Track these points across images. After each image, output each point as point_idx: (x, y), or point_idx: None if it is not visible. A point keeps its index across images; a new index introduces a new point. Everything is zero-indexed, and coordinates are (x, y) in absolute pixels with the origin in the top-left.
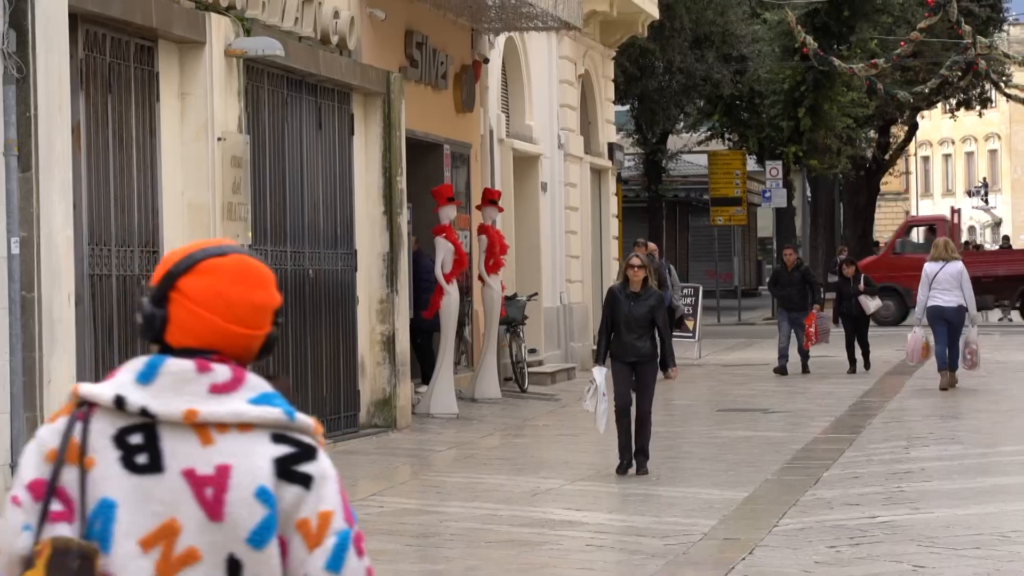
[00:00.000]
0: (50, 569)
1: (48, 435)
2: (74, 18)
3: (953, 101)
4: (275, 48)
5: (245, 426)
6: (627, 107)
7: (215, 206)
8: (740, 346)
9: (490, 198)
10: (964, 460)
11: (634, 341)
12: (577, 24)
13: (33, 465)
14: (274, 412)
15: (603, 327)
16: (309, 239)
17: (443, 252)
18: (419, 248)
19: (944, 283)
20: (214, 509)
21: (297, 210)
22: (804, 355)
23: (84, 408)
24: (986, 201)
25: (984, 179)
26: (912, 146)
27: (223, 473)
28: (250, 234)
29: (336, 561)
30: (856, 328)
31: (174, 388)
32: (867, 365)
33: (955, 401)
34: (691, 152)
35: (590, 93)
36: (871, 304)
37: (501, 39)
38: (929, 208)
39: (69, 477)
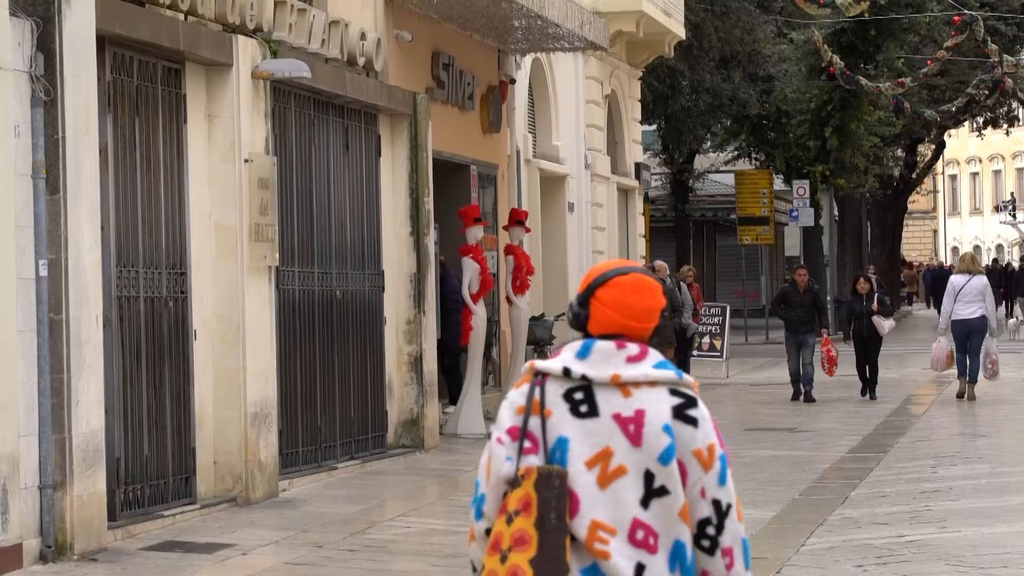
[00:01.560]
0: (538, 486)
1: (516, 396)
2: (101, 41)
3: (980, 119)
4: (302, 70)
5: (652, 383)
6: (654, 127)
7: (242, 228)
8: (767, 365)
9: (517, 218)
10: (991, 479)
11: None
12: (603, 44)
13: (508, 417)
14: (670, 373)
15: None
16: (336, 260)
17: (470, 273)
18: (446, 269)
19: (969, 295)
20: (635, 438)
21: (324, 231)
22: (808, 381)
23: (539, 377)
24: (1014, 216)
25: (1012, 195)
26: (939, 165)
27: (640, 415)
28: (277, 255)
29: (723, 478)
30: (867, 350)
31: (602, 360)
32: (872, 394)
33: (982, 420)
34: (718, 171)
35: (617, 113)
36: (885, 325)
37: (527, 60)
38: (957, 227)
39: (534, 424)
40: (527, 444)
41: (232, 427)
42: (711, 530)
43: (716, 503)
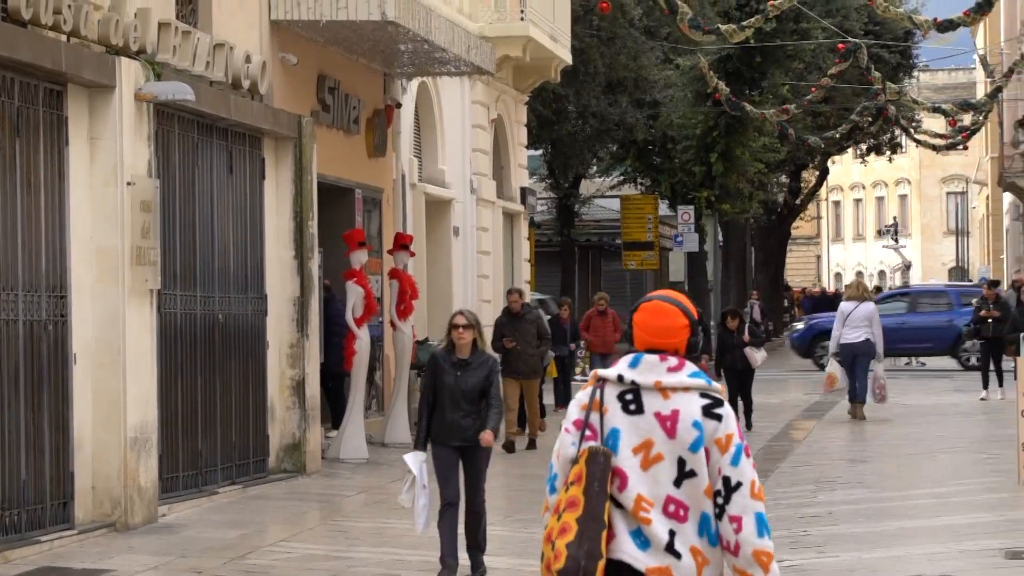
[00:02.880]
0: (588, 462)
1: (582, 396)
2: None
3: (863, 146)
4: (186, 92)
5: (687, 388)
6: (540, 151)
7: (124, 251)
8: None
9: (401, 242)
10: (871, 504)
11: (461, 420)
12: (490, 69)
13: (575, 412)
14: (701, 381)
15: (423, 403)
16: (219, 283)
17: (354, 297)
18: (330, 293)
19: (856, 321)
20: (671, 432)
21: (207, 254)
22: None
23: (600, 382)
24: (896, 241)
25: (895, 219)
26: (823, 191)
27: (675, 414)
28: (159, 278)
29: (736, 460)
30: (741, 383)
31: (648, 370)
32: (748, 424)
33: (863, 445)
34: (604, 196)
35: (503, 138)
36: (758, 357)
37: (414, 84)
38: (840, 253)
39: (594, 418)
40: (588, 433)
41: (111, 451)
42: (720, 500)
43: (726, 479)
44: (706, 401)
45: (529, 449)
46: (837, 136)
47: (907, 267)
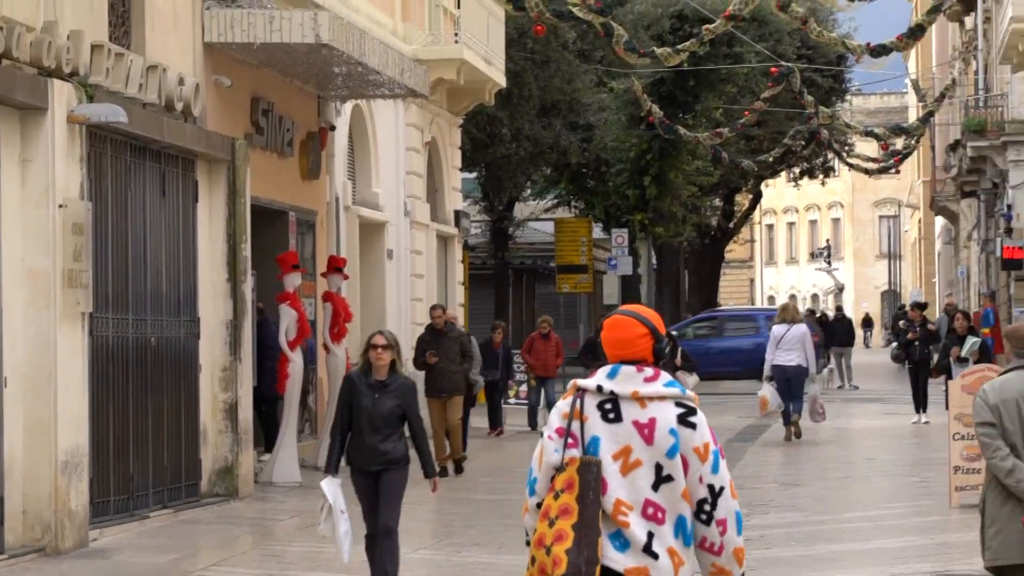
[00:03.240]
0: (581, 471)
1: (563, 405)
2: None
3: (796, 170)
4: (118, 115)
5: (662, 398)
6: (474, 174)
7: (56, 273)
8: None
9: (335, 265)
10: (804, 527)
11: (378, 444)
12: (424, 92)
13: (557, 420)
14: (676, 391)
15: (336, 425)
16: (152, 306)
17: (287, 320)
18: (264, 315)
19: (789, 343)
20: (649, 439)
21: (140, 277)
22: None
23: (580, 392)
24: (829, 263)
25: (827, 241)
26: (756, 214)
27: (652, 422)
28: (91, 301)
29: (715, 467)
30: None
31: (626, 380)
32: None
33: (796, 468)
34: (538, 219)
35: (437, 160)
36: (689, 381)
37: (348, 106)
38: (773, 276)
39: (575, 426)
40: (570, 440)
41: (42, 475)
42: (707, 507)
43: (711, 487)
44: (681, 410)
45: (457, 473)
46: (770, 159)
47: (840, 289)
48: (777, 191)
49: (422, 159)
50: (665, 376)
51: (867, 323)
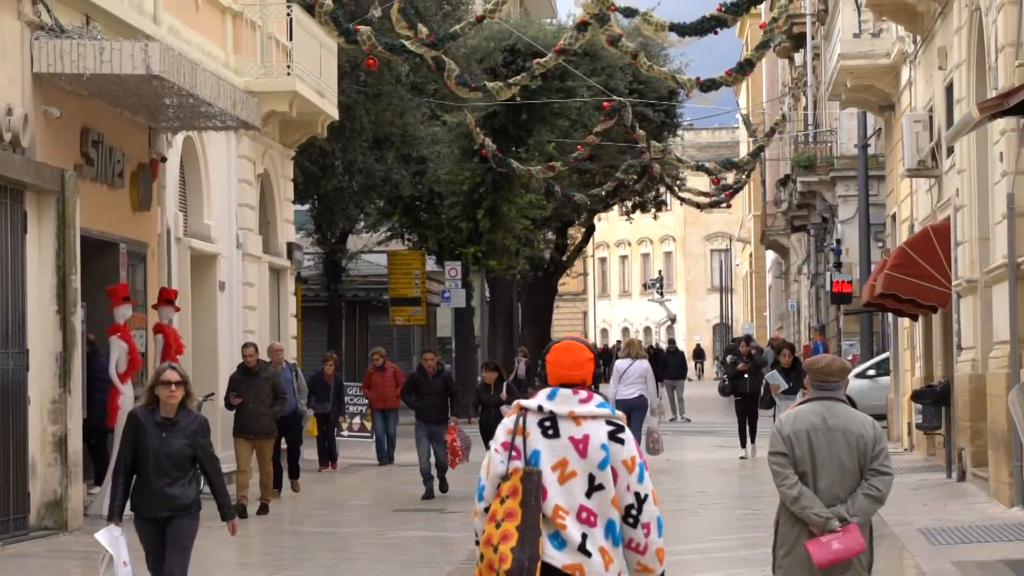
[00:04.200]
0: (524, 480)
1: (508, 422)
2: None
3: (629, 204)
4: None
5: (595, 417)
6: (307, 207)
7: None
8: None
9: (166, 297)
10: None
11: (165, 488)
12: (256, 124)
13: (502, 435)
14: (607, 411)
15: (120, 467)
16: None
17: (118, 352)
18: (94, 347)
19: (631, 378)
20: (583, 453)
21: None
22: (442, 469)
23: (523, 411)
24: (662, 294)
25: (660, 271)
26: (589, 247)
27: (586, 438)
28: None
29: (641, 477)
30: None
31: (563, 401)
32: None
33: None
34: (371, 252)
35: (269, 192)
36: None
37: (179, 138)
38: (606, 309)
39: (518, 441)
40: (514, 453)
41: None
42: (634, 511)
43: (637, 494)
44: (611, 427)
45: (260, 514)
46: (603, 193)
47: (672, 320)
48: (610, 225)
49: (254, 191)
50: (597, 398)
51: (698, 355)
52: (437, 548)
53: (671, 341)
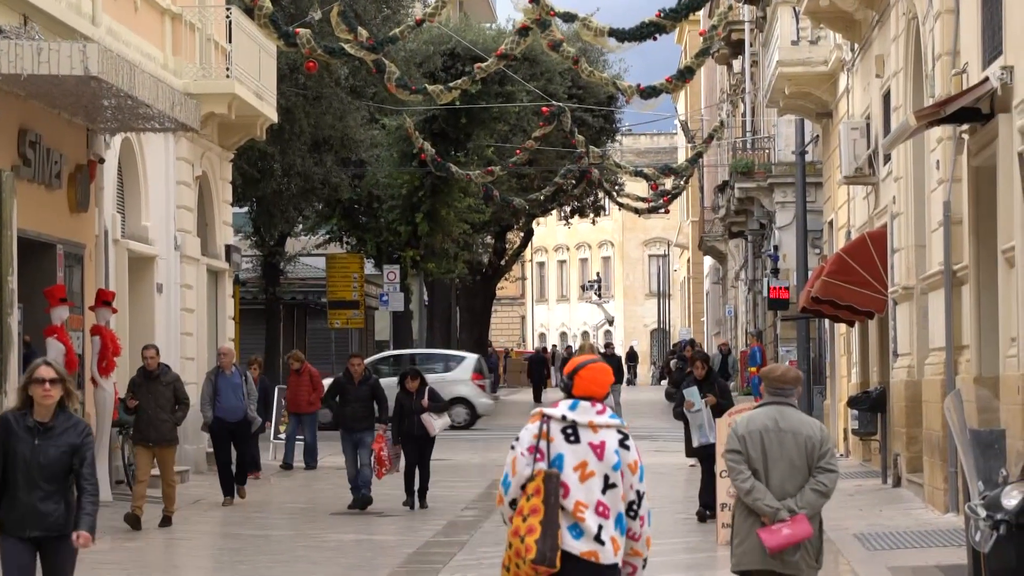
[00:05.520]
0: (545, 481)
1: (533, 427)
2: None
3: (567, 208)
4: None
5: (609, 426)
6: (245, 209)
7: None
8: None
9: (104, 299)
10: None
11: (39, 503)
12: (194, 126)
13: (527, 440)
14: (618, 422)
15: None
16: None
17: (54, 353)
18: (31, 349)
19: None
20: (600, 456)
21: None
22: (367, 483)
23: (546, 418)
24: (599, 295)
25: (598, 274)
26: (528, 252)
27: (602, 444)
28: None
29: (641, 478)
30: (420, 452)
31: (584, 412)
32: (423, 503)
33: None
34: (309, 255)
35: (208, 194)
36: (436, 424)
37: (117, 139)
38: (544, 313)
39: (543, 445)
40: (538, 456)
41: None
42: (635, 506)
43: (638, 492)
44: (621, 435)
45: (163, 526)
46: (541, 198)
47: (610, 322)
48: (548, 229)
49: (192, 193)
50: (609, 411)
51: (632, 358)
52: (374, 551)
53: (608, 344)
